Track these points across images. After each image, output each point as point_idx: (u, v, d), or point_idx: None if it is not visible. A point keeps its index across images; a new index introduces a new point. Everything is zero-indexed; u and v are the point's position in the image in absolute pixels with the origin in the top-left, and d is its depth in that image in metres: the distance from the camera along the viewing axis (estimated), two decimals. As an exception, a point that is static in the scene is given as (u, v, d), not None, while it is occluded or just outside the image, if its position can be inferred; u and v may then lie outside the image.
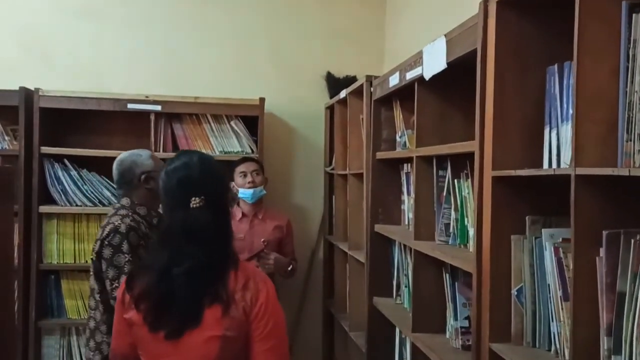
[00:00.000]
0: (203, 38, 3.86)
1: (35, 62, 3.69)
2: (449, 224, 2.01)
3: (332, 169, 3.75)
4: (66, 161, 3.47)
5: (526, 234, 1.45)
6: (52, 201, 3.47)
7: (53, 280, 3.50)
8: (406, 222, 2.55)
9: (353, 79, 3.88)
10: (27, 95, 3.38)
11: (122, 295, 1.59)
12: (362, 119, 3.09)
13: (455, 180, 1.96)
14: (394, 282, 2.65)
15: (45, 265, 3.44)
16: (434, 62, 1.85)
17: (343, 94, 3.26)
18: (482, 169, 1.50)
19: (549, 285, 1.39)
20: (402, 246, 2.53)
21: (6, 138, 3.50)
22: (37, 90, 3.39)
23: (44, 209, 3.40)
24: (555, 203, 1.43)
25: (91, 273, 2.27)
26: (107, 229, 2.18)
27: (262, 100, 3.60)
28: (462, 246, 1.92)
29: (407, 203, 2.53)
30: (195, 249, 1.50)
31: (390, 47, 3.94)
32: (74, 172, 3.48)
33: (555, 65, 1.39)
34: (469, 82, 2.05)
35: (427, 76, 1.95)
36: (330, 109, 3.84)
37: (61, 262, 3.47)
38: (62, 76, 3.68)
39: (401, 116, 2.54)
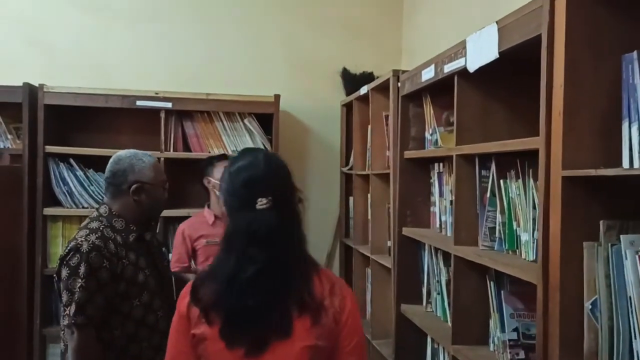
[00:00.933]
0: (215, 32, 3.71)
1: (39, 57, 3.53)
2: (494, 227, 1.86)
3: (350, 169, 3.60)
4: (72, 161, 3.32)
5: (600, 241, 1.30)
6: (57, 203, 3.31)
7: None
8: (437, 225, 2.40)
9: (370, 75, 3.75)
10: (31, 91, 3.22)
11: (187, 309, 1.41)
12: (387, 116, 2.94)
13: (502, 181, 1.81)
14: (424, 289, 2.49)
15: (50, 270, 3.26)
16: (482, 53, 1.70)
17: (364, 89, 3.11)
18: (549, 169, 1.34)
19: (629, 297, 1.24)
20: (433, 250, 2.38)
21: (9, 137, 3.34)
22: (41, 86, 3.23)
23: (48, 210, 3.24)
24: (632, 206, 1.28)
25: None
26: (68, 247, 1.93)
27: (277, 97, 3.44)
28: (510, 252, 1.77)
29: (439, 205, 2.38)
30: (262, 252, 1.39)
31: (408, 42, 3.80)
32: (80, 173, 3.32)
33: (635, 53, 1.24)
34: (514, 74, 1.92)
35: (473, 68, 1.80)
36: (347, 106, 3.69)
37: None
38: (67, 72, 3.52)
39: (432, 112, 2.39)
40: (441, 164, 2.36)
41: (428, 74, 2.19)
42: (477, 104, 1.96)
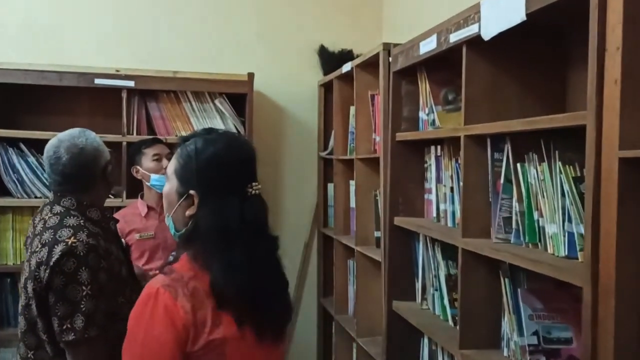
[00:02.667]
0: (182, 3, 3.38)
1: (-17, 30, 3.16)
2: (510, 217, 1.64)
3: (329, 154, 3.36)
4: (22, 145, 2.98)
5: (663, 235, 1.09)
6: (6, 192, 2.97)
7: (9, 283, 3.01)
8: (434, 215, 2.18)
9: (349, 53, 3.51)
10: (-26, 67, 2.87)
11: (191, 318, 1.24)
12: (373, 95, 2.70)
13: (519, 165, 1.59)
14: (418, 284, 2.28)
15: (0, 267, 2.95)
16: (502, 16, 1.47)
17: (347, 67, 2.86)
18: (600, 149, 1.12)
19: (700, 303, 1.04)
20: (430, 242, 2.16)
21: (-51, 119, 2.97)
22: (-15, 62, 2.88)
23: (-4, 201, 2.90)
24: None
25: (24, 304, 1.71)
26: (58, 250, 1.63)
27: (250, 75, 3.17)
28: (530, 245, 1.55)
29: (437, 192, 2.16)
30: (264, 241, 1.36)
31: (389, 17, 3.55)
32: (31, 159, 2.99)
33: None
34: (523, 43, 1.71)
35: (489, 35, 1.57)
36: (326, 86, 3.44)
37: (18, 263, 2.98)
38: (15, 46, 3.16)
39: (429, 90, 2.16)
40: (439, 147, 2.14)
41: (428, 46, 1.96)
42: (487, 78, 1.73)
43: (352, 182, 3.00)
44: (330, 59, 3.51)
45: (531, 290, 1.62)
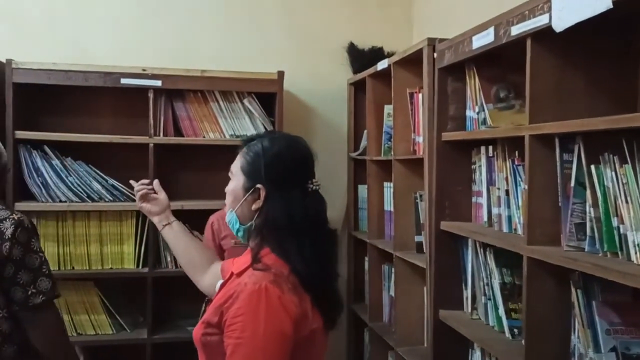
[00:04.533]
0: (211, 2, 3.28)
1: (6, 29, 3.06)
2: (583, 223, 1.52)
3: (360, 155, 3.24)
4: (46, 148, 2.89)
5: None
6: (30, 197, 2.88)
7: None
8: (485, 219, 2.06)
9: (380, 51, 3.39)
10: (-3, 68, 2.78)
11: (302, 309, 1.32)
12: (412, 93, 2.58)
13: (592, 166, 1.47)
14: (467, 293, 2.16)
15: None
16: (583, 4, 1.35)
17: (384, 64, 2.74)
18: None
19: None
20: (480, 248, 2.04)
21: (-28, 121, 2.88)
22: (9, 62, 2.79)
23: (20, 206, 2.80)
24: None
25: None
26: (9, 224, 1.77)
27: (280, 74, 3.06)
28: (609, 254, 1.43)
29: (488, 195, 2.04)
30: (326, 235, 1.43)
31: (420, 13, 3.44)
32: (56, 161, 2.90)
33: None
34: (596, 39, 1.59)
35: (562, 26, 1.44)
36: (356, 85, 3.32)
37: (43, 269, 2.88)
38: (39, 46, 3.07)
39: (479, 87, 2.04)
40: (490, 147, 2.02)
41: (483, 40, 1.84)
42: (554, 74, 1.61)
43: (387, 184, 2.89)
44: (360, 57, 3.40)
45: (607, 303, 1.50)
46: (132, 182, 1.85)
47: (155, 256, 2.97)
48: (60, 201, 2.88)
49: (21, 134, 2.81)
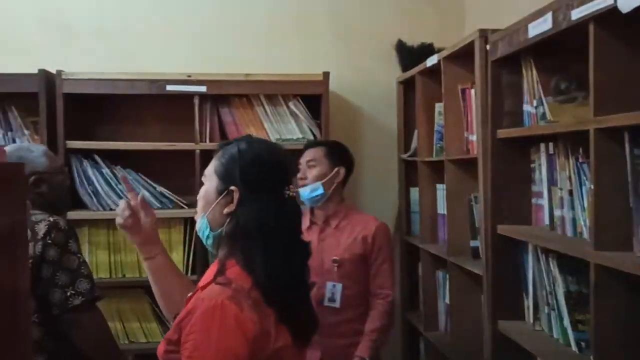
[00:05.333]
0: (253, 4, 3.24)
1: (56, 41, 3.11)
2: (658, 226, 1.36)
3: (411, 156, 3.11)
4: (96, 157, 2.91)
5: None
6: (81, 205, 2.90)
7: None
8: (547, 222, 1.90)
9: (430, 47, 3.24)
10: (48, 79, 2.82)
11: (262, 326, 1.24)
12: (464, 89, 2.45)
13: (669, 162, 1.31)
14: (529, 302, 2.00)
15: (77, 282, 2.88)
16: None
17: (433, 59, 2.61)
18: None
19: None
20: (542, 254, 1.88)
21: (26, 132, 2.93)
22: (59, 72, 2.83)
23: (72, 214, 2.82)
24: None
25: None
26: (43, 226, 1.78)
27: (326, 74, 2.97)
28: (691, 261, 1.27)
29: (549, 196, 1.88)
30: (298, 242, 1.37)
31: (472, 5, 3.28)
32: (105, 170, 2.91)
33: None
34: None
35: (630, 6, 1.29)
36: (405, 83, 3.20)
37: (94, 276, 2.90)
38: (87, 56, 3.09)
39: (536, 79, 1.89)
40: (551, 144, 1.86)
41: (540, 27, 1.69)
42: (620, 61, 1.46)
43: (440, 186, 2.76)
44: (409, 54, 3.27)
45: (690, 315, 1.33)
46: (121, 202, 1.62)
47: (204, 263, 2.93)
48: (111, 209, 2.88)
49: (72, 144, 2.84)
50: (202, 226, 1.39)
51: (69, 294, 1.77)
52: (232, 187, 1.33)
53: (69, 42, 3.11)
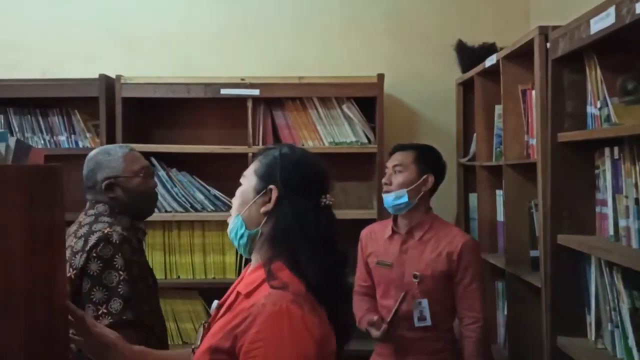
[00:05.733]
0: (304, 5, 3.22)
1: (117, 47, 3.20)
2: None
3: (470, 160, 2.99)
4: (153, 159, 2.96)
5: None
6: (138, 207, 2.96)
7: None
8: (611, 232, 1.76)
9: (492, 47, 3.11)
10: (108, 83, 2.90)
11: (321, 328, 1.22)
12: (524, 90, 2.32)
13: None
14: (591, 318, 1.86)
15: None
16: None
17: (492, 59, 2.50)
18: None
19: None
20: (606, 266, 1.74)
21: (88, 135, 3.03)
22: (118, 77, 2.90)
23: (129, 216, 2.89)
24: None
25: None
26: (94, 238, 1.74)
27: (380, 77, 2.91)
28: None
29: (614, 204, 1.74)
30: (337, 251, 1.32)
31: (537, 4, 3.12)
32: (162, 173, 2.97)
33: None
34: None
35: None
36: (465, 85, 3.08)
37: (151, 277, 2.96)
38: (146, 61, 3.17)
39: (600, 78, 1.75)
40: (616, 148, 1.72)
41: (602, 23, 1.56)
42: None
43: (500, 192, 2.63)
44: (469, 55, 3.14)
45: None
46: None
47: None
48: (166, 211, 2.94)
49: (130, 147, 2.90)
50: (236, 225, 1.34)
51: (100, 312, 1.68)
52: (271, 186, 1.30)
53: (130, 48, 3.19)
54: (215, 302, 1.39)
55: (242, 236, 1.33)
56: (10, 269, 1.05)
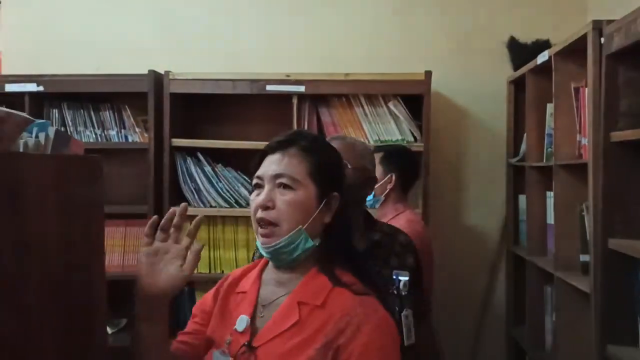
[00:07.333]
0: (352, 2, 3.19)
1: (167, 44, 3.23)
2: None
3: (520, 161, 2.90)
4: (199, 155, 2.99)
5: None
6: (184, 201, 2.99)
7: (187, 292, 3.05)
8: (668, 237, 1.66)
9: (545, 43, 2.99)
10: (157, 79, 2.95)
11: None
12: (577, 88, 2.22)
13: None
14: (644, 326, 1.77)
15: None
16: None
17: (544, 56, 2.41)
18: None
19: None
20: (661, 273, 1.65)
21: (137, 130, 3.09)
22: (167, 73, 2.94)
23: (175, 210, 2.94)
24: None
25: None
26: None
27: (428, 74, 2.84)
28: None
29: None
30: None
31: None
32: (207, 168, 2.99)
33: None
34: None
35: None
36: (516, 83, 2.99)
37: (195, 272, 2.99)
38: (194, 58, 3.18)
39: (659, 74, 1.66)
40: (674, 149, 1.63)
41: (661, 14, 1.47)
42: None
43: (550, 194, 2.53)
44: (522, 52, 3.04)
45: None
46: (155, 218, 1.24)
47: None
48: (211, 206, 2.96)
49: (177, 142, 2.95)
50: (300, 240, 1.19)
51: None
52: (335, 193, 1.23)
53: (178, 44, 3.23)
54: (245, 318, 1.22)
55: (304, 250, 1.20)
56: (45, 258, 1.07)
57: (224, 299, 1.31)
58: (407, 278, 1.64)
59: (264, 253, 1.24)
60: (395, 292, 1.65)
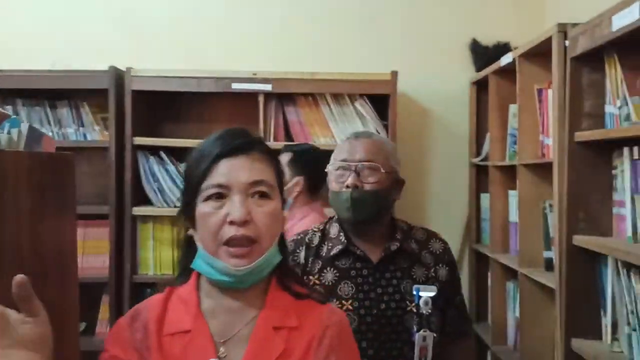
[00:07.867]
0: (319, 1, 3.18)
1: (127, 39, 3.15)
2: None
3: (482, 160, 2.96)
4: (162, 154, 2.94)
5: None
6: (147, 201, 2.94)
7: (149, 294, 2.97)
8: (629, 234, 1.72)
9: (506, 46, 3.08)
10: (118, 76, 2.87)
11: None
12: (540, 89, 2.28)
13: None
14: (607, 320, 1.82)
15: (140, 277, 2.92)
16: None
17: (508, 58, 2.46)
18: None
19: None
20: (622, 268, 1.71)
21: (96, 128, 3.00)
22: (129, 69, 2.87)
23: (138, 210, 2.88)
24: None
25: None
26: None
27: (394, 74, 2.87)
28: None
29: (632, 205, 1.71)
30: None
31: (553, 2, 3.08)
32: (170, 167, 2.94)
33: None
34: None
35: None
36: (479, 84, 3.05)
37: (158, 273, 2.95)
38: (156, 54, 3.12)
39: (621, 77, 1.72)
40: (636, 148, 1.69)
41: (625, 19, 1.53)
42: None
43: (513, 192, 2.59)
44: (483, 54, 3.11)
45: None
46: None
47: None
48: (175, 206, 2.91)
49: (139, 140, 2.88)
50: (273, 256, 1.08)
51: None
52: (290, 199, 1.28)
53: (140, 40, 3.15)
54: None
55: (273, 266, 1.10)
56: (19, 258, 1.02)
57: (159, 349, 1.05)
58: (431, 294, 1.50)
59: (224, 278, 1.04)
60: (414, 310, 1.53)
